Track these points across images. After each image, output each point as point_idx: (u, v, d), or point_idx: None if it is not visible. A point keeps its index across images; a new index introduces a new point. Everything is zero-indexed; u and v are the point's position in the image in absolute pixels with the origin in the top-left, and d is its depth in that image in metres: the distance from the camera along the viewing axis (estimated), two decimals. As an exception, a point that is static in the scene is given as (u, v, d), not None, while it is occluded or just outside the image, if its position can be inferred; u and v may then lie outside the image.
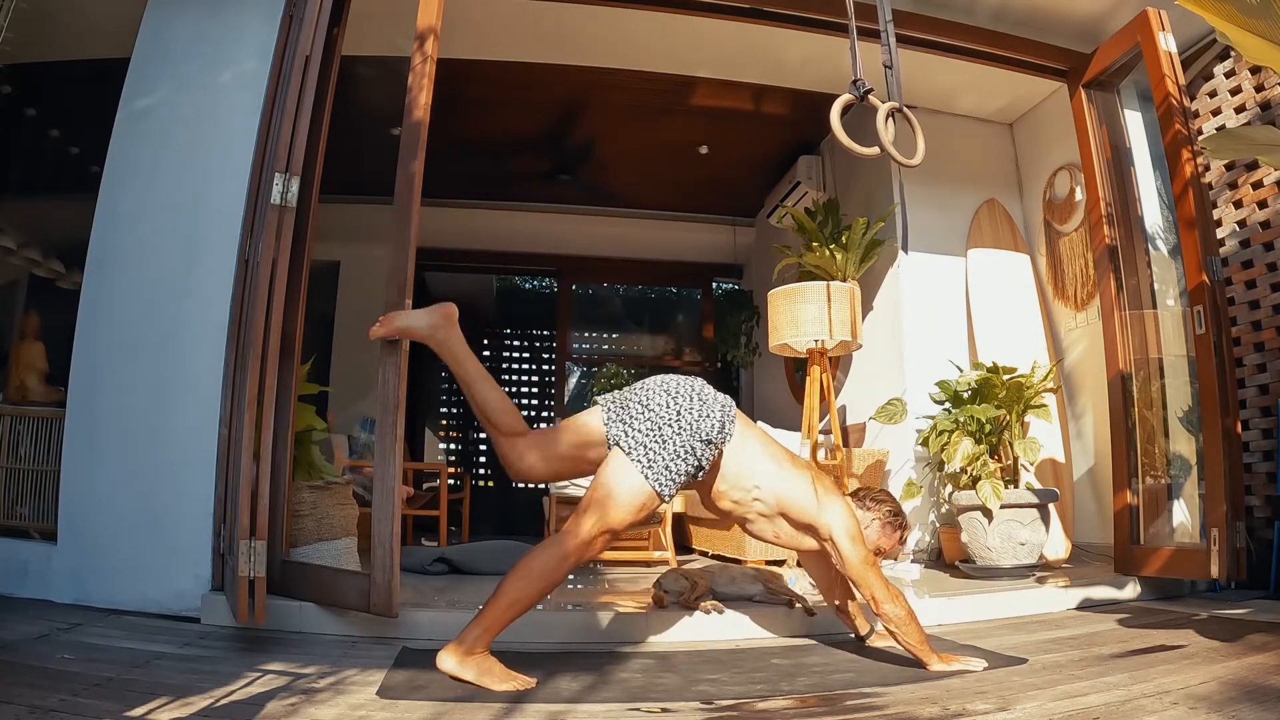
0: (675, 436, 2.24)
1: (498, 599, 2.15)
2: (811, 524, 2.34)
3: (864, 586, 2.27)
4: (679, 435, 2.24)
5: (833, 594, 2.70)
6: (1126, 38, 3.67)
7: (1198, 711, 1.77)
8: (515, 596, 2.15)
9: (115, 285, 3.10)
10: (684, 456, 2.24)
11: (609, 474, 2.24)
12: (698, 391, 2.32)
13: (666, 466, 2.22)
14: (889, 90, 2.67)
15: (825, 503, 2.33)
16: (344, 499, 3.13)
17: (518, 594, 2.15)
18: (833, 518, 2.31)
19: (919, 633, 2.27)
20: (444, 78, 2.94)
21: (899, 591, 2.30)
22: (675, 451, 2.23)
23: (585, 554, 2.21)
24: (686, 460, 2.24)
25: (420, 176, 2.73)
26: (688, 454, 2.24)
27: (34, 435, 3.39)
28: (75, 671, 2.02)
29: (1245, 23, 2.31)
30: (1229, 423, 3.19)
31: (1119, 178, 3.90)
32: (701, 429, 2.25)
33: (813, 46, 4.29)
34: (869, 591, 2.26)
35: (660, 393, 2.30)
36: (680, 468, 2.24)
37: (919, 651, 2.26)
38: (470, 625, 2.15)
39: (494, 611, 2.14)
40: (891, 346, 4.96)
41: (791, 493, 2.34)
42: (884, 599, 2.25)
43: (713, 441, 2.27)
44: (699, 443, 2.25)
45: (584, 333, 8.98)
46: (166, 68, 3.26)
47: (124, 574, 2.89)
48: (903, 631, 2.26)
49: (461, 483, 6.39)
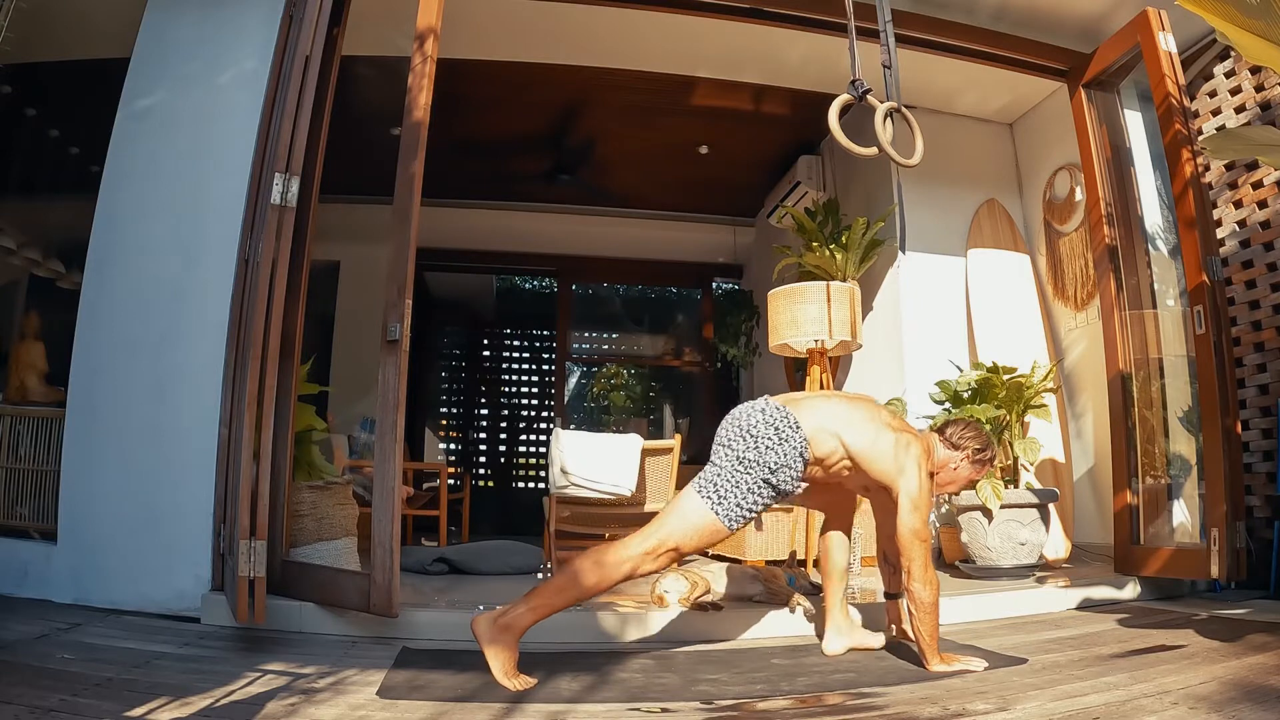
0: (746, 475, 2.29)
1: (548, 583, 2.22)
2: (888, 486, 2.37)
3: (907, 556, 2.28)
4: (749, 473, 2.29)
5: (891, 545, 2.66)
6: (1126, 38, 3.67)
7: (1198, 711, 1.77)
8: (561, 584, 2.20)
9: (115, 285, 3.10)
10: (757, 492, 2.30)
11: (682, 501, 2.32)
12: (774, 427, 2.33)
13: (738, 503, 2.28)
14: (888, 90, 2.67)
15: (902, 464, 2.34)
16: (344, 499, 3.13)
17: (564, 581, 2.20)
18: (906, 483, 2.33)
19: (934, 626, 2.27)
20: (444, 78, 2.95)
21: (937, 579, 2.31)
22: (748, 488, 2.29)
23: (644, 565, 2.24)
24: (760, 494, 2.30)
25: (420, 176, 2.73)
26: (760, 489, 2.30)
27: (34, 435, 3.39)
28: (75, 671, 2.02)
29: (1245, 23, 2.31)
30: (1229, 423, 3.18)
31: (1119, 178, 3.90)
32: (776, 475, 2.30)
33: (813, 46, 4.29)
34: (909, 564, 2.27)
35: (737, 434, 2.35)
36: (751, 501, 2.30)
37: (926, 644, 2.27)
38: (518, 601, 2.19)
39: (543, 595, 2.20)
40: (891, 346, 4.96)
41: (871, 454, 2.36)
42: (919, 577, 2.26)
43: (783, 488, 2.32)
44: (770, 483, 2.31)
45: (584, 333, 8.97)
46: (166, 68, 3.26)
47: (124, 574, 2.89)
48: (920, 617, 2.27)
49: (461, 483, 6.38)
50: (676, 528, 2.27)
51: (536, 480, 8.85)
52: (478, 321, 9.16)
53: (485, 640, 2.13)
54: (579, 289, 8.85)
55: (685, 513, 2.29)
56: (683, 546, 2.26)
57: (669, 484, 4.11)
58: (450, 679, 2.13)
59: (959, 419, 2.65)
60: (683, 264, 8.31)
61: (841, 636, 2.58)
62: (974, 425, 2.56)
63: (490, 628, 2.14)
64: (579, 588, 2.20)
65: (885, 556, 2.70)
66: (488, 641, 2.12)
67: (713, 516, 2.26)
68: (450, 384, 9.05)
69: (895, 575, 2.65)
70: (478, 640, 2.14)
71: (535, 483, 8.82)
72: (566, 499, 3.97)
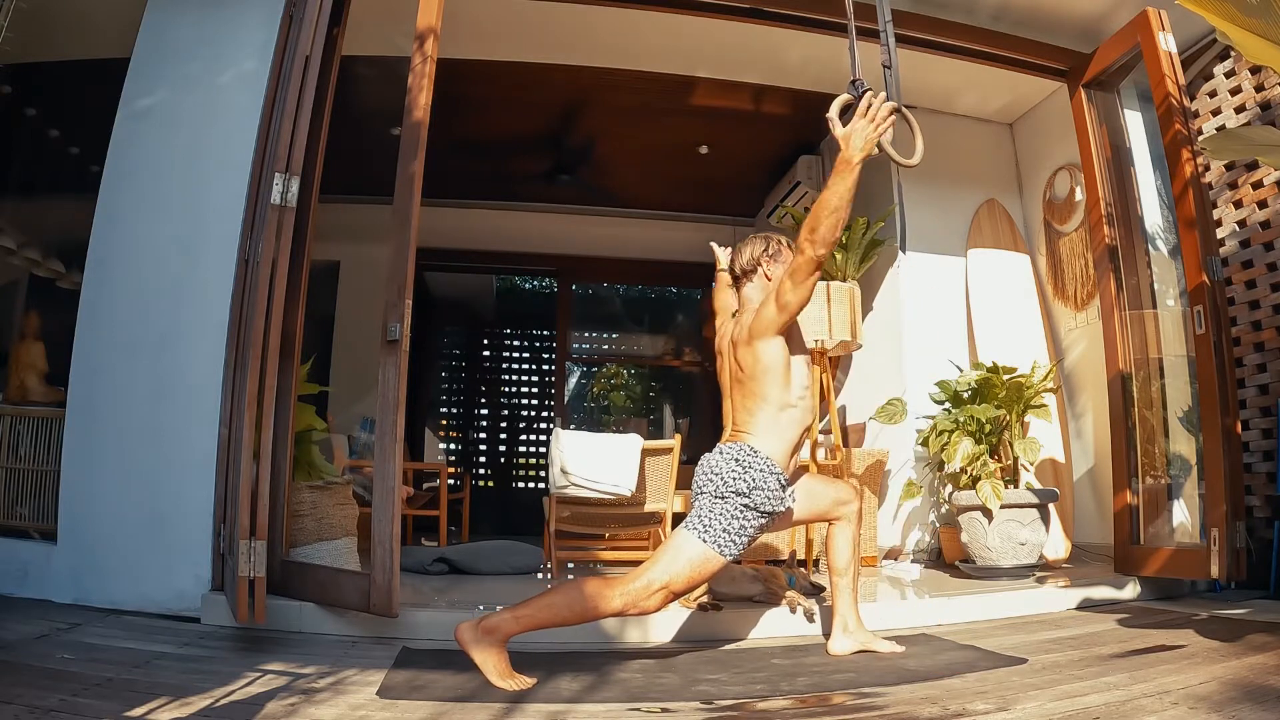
0: (725, 504, 2.34)
1: (539, 598, 2.24)
2: (777, 323, 2.35)
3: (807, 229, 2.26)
4: (727, 502, 2.34)
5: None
6: (1126, 38, 3.67)
7: (1198, 711, 1.77)
8: (552, 602, 2.22)
9: (115, 285, 3.10)
10: (741, 517, 2.33)
11: (672, 541, 2.38)
12: (734, 459, 2.38)
13: (724, 529, 2.32)
14: (889, 90, 2.67)
15: (761, 315, 2.38)
16: (344, 499, 3.13)
17: (556, 599, 2.23)
18: (765, 308, 2.37)
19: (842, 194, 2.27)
20: (444, 78, 2.94)
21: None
22: (731, 515, 2.33)
23: (639, 601, 2.26)
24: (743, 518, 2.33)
25: (420, 176, 2.73)
26: (742, 513, 2.33)
27: (34, 435, 3.39)
28: (75, 671, 2.02)
29: (1245, 22, 2.31)
30: (1229, 423, 3.18)
31: (1119, 178, 3.90)
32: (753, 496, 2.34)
33: (813, 46, 4.28)
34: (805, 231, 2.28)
35: (706, 478, 2.41)
36: (738, 526, 2.33)
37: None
38: (504, 609, 2.21)
39: (531, 608, 2.21)
40: (891, 346, 4.96)
41: (761, 358, 2.38)
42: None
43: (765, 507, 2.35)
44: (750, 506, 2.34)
45: (584, 333, 8.97)
46: (167, 68, 3.26)
47: (124, 574, 2.89)
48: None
49: (461, 483, 6.38)
50: (669, 564, 2.29)
51: (536, 480, 8.85)
52: (478, 321, 9.15)
53: (470, 644, 2.13)
54: (579, 289, 8.84)
55: (677, 548, 2.33)
56: (674, 583, 2.27)
57: (669, 484, 4.11)
58: (450, 679, 2.13)
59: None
60: (683, 264, 8.29)
61: (848, 637, 2.55)
62: (752, 242, 2.58)
63: (473, 630, 2.14)
64: (569, 611, 2.23)
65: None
66: (472, 644, 2.12)
67: (702, 544, 2.30)
68: (450, 384, 9.04)
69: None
70: (463, 647, 2.13)
71: (535, 483, 8.81)
72: (566, 499, 3.97)
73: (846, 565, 2.60)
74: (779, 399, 2.38)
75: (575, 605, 2.22)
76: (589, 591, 2.23)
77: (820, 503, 2.60)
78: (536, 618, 2.20)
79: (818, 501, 2.60)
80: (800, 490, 2.55)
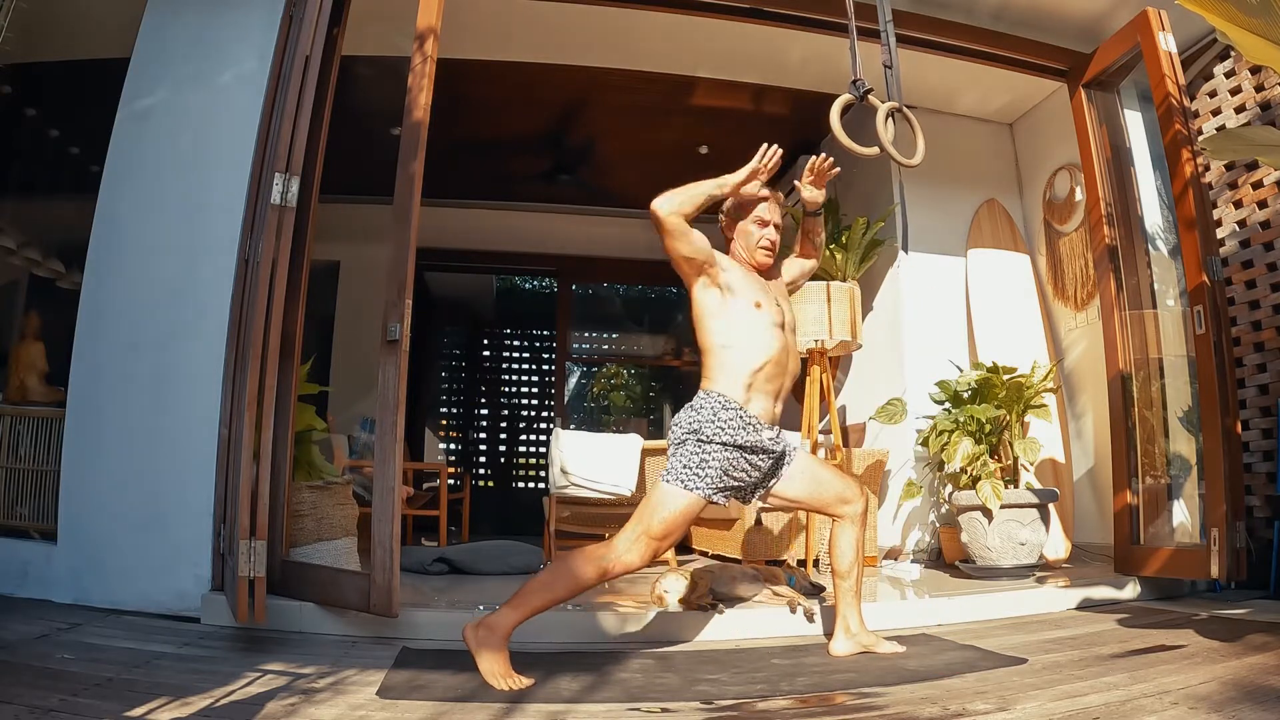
0: (683, 447, 2.37)
1: (531, 581, 2.27)
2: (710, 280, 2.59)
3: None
4: (685, 444, 2.37)
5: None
6: (1126, 37, 3.67)
7: (1198, 711, 1.77)
8: (546, 580, 2.26)
9: (115, 285, 3.10)
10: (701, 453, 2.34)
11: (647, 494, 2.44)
12: (690, 407, 2.43)
13: (685, 465, 2.34)
14: (889, 90, 2.67)
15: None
16: (344, 499, 3.13)
17: (546, 577, 2.27)
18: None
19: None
20: (444, 78, 2.94)
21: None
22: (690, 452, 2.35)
23: (624, 556, 2.29)
24: (701, 453, 2.34)
25: (420, 176, 2.73)
26: (699, 449, 2.35)
27: (34, 435, 3.39)
28: (75, 671, 2.02)
29: (1245, 22, 2.31)
30: (1229, 423, 3.18)
31: (1119, 178, 3.90)
32: (703, 432, 2.36)
33: (813, 46, 4.28)
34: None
35: (671, 435, 2.45)
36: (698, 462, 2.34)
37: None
38: (503, 605, 2.24)
39: (524, 595, 2.24)
40: (891, 346, 4.96)
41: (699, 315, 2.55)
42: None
43: (718, 438, 2.35)
44: (703, 440, 2.34)
45: (584, 333, 8.97)
46: (166, 68, 3.26)
47: (124, 574, 2.89)
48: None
49: (461, 483, 6.38)
50: (641, 512, 2.34)
51: (536, 480, 8.85)
52: (478, 321, 9.15)
53: (472, 644, 2.17)
54: (579, 289, 8.84)
55: (649, 497, 2.38)
56: (650, 528, 2.28)
57: (669, 484, 4.10)
58: (450, 679, 2.13)
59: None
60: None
61: (850, 639, 2.52)
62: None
63: (475, 631, 2.18)
64: (563, 586, 2.26)
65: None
66: (474, 645, 2.16)
67: (666, 484, 2.34)
68: (450, 384, 9.04)
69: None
70: (469, 646, 2.18)
71: (535, 483, 8.81)
72: (566, 499, 3.98)
73: (850, 568, 2.54)
74: (717, 342, 2.43)
75: (566, 578, 2.26)
76: (576, 562, 2.27)
77: (824, 492, 2.53)
78: (532, 601, 2.23)
79: (823, 489, 2.52)
80: (806, 469, 2.52)
